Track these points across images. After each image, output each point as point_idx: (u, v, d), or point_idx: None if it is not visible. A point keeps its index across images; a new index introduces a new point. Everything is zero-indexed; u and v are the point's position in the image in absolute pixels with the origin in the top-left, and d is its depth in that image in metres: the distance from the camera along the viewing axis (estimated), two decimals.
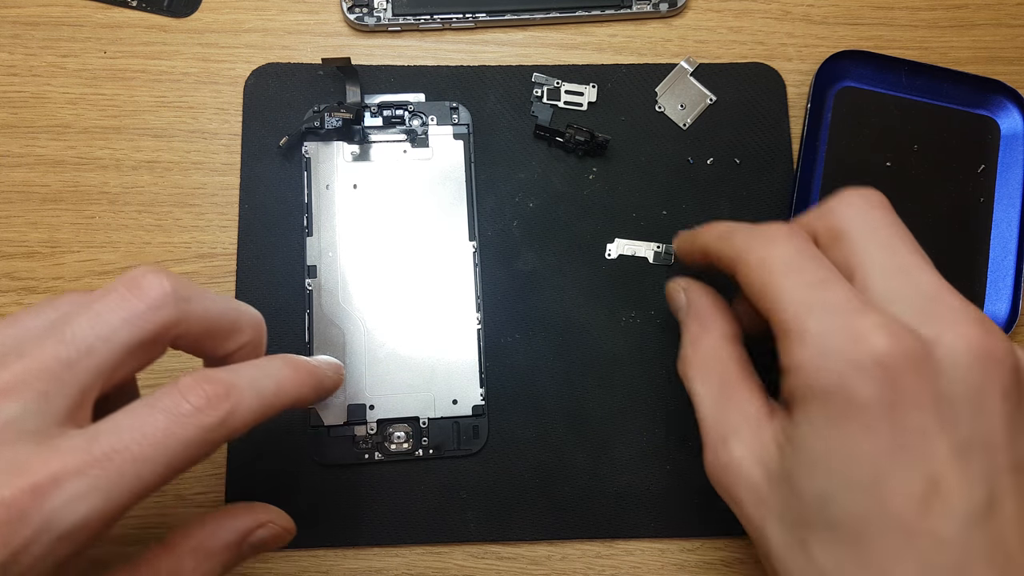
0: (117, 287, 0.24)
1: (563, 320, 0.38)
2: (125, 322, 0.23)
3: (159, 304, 0.24)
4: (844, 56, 0.41)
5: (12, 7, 0.40)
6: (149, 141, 0.39)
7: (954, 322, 0.24)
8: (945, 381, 0.24)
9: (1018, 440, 0.24)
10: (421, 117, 0.40)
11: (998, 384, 0.24)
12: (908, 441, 0.23)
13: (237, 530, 0.26)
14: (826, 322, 0.24)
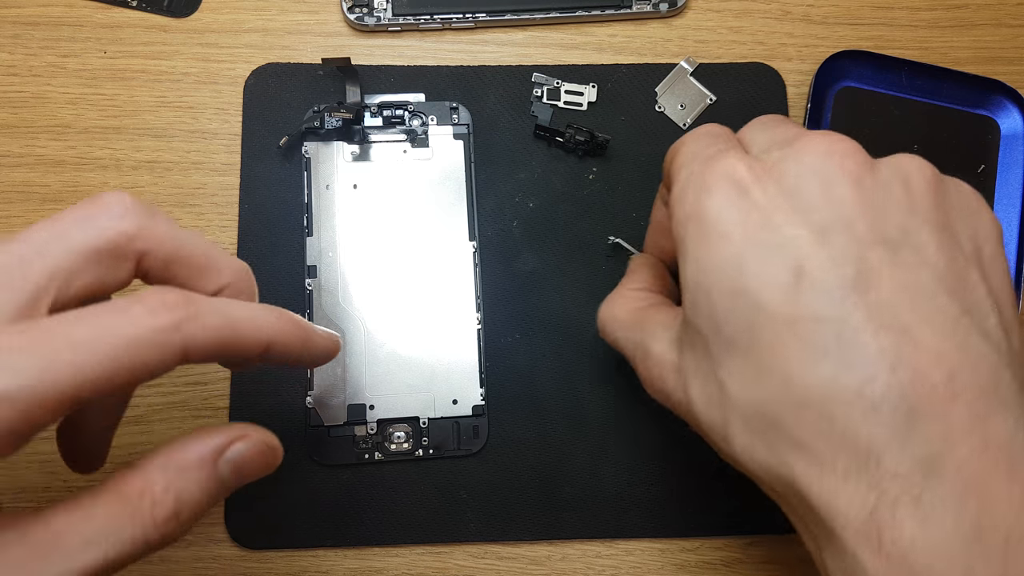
0: (78, 203, 0.24)
1: (563, 320, 0.38)
2: (80, 227, 0.23)
3: (119, 215, 0.23)
4: (844, 56, 0.41)
5: (12, 7, 0.40)
6: (149, 141, 0.39)
7: (803, 142, 0.25)
8: (791, 180, 0.24)
9: (880, 218, 0.24)
10: (421, 117, 0.40)
11: (846, 170, 0.24)
12: (765, 237, 0.24)
13: (210, 445, 0.24)
14: (692, 167, 0.27)
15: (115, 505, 0.22)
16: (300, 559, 0.36)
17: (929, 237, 0.24)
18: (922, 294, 0.23)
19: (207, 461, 0.24)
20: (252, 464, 0.25)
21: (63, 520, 0.21)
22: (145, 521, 0.22)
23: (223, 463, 0.24)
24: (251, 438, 0.24)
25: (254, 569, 0.35)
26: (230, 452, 0.24)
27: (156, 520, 0.22)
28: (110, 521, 0.22)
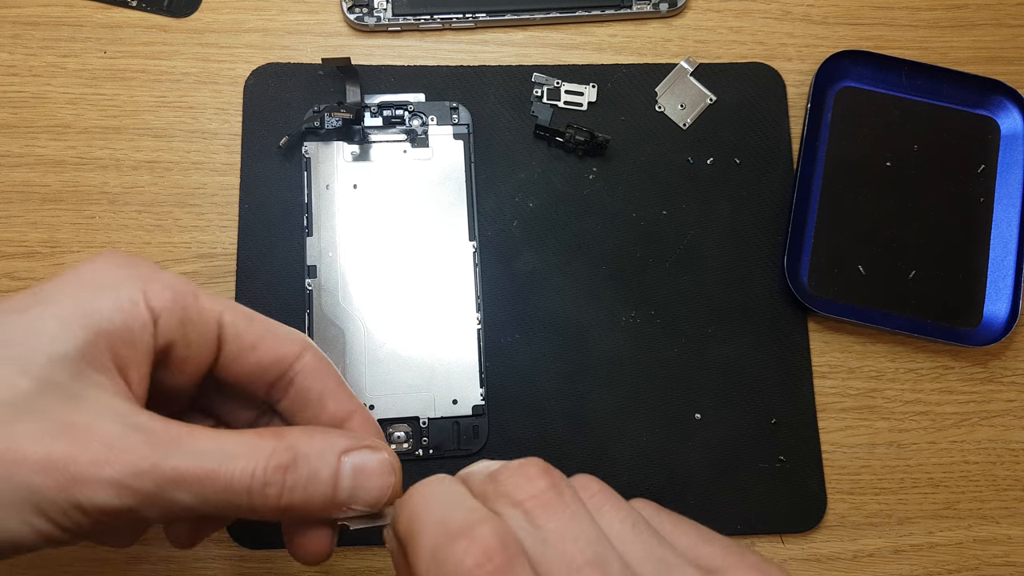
0: None
1: (563, 320, 0.38)
2: None
3: None
4: (844, 56, 0.41)
5: (12, 7, 0.40)
6: (149, 141, 0.39)
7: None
8: None
9: None
10: (421, 117, 0.40)
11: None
12: None
13: (345, 442, 0.24)
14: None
15: (250, 437, 0.23)
16: None
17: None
18: None
19: (337, 450, 0.24)
20: (371, 480, 0.24)
21: (201, 431, 0.23)
22: (262, 457, 0.22)
23: (348, 462, 0.24)
24: (381, 455, 0.24)
25: (254, 569, 0.35)
26: (359, 456, 0.24)
27: (269, 463, 0.22)
28: (237, 446, 0.22)
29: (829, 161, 0.40)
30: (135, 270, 0.24)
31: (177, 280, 0.25)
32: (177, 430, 0.22)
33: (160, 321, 0.24)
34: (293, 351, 0.26)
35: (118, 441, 0.21)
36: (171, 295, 0.24)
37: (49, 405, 0.21)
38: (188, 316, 0.24)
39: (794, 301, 0.39)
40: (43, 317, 0.22)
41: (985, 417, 0.39)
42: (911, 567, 0.37)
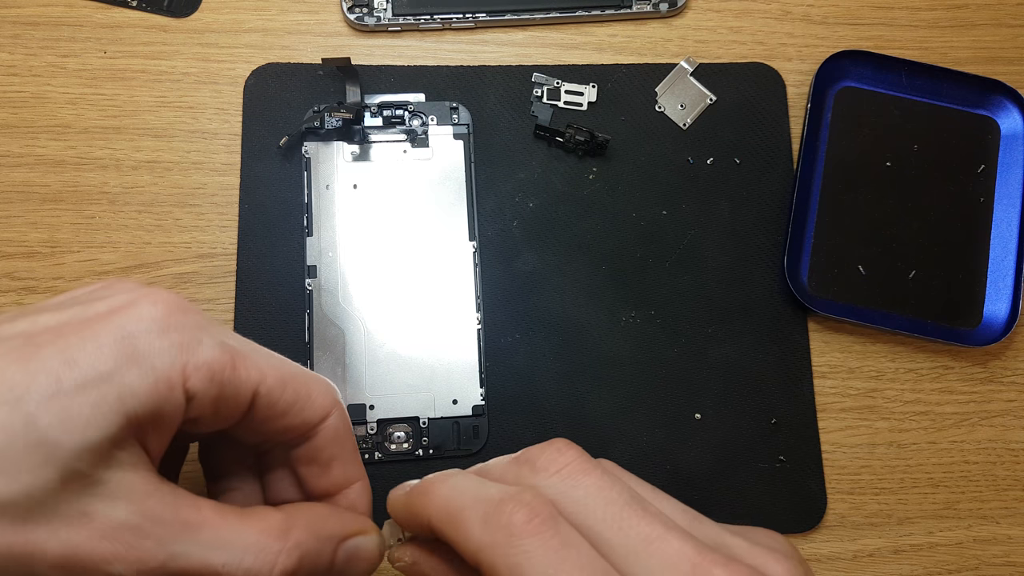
0: None
1: (563, 320, 0.38)
2: None
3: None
4: (844, 56, 0.41)
5: (12, 7, 0.40)
6: (149, 141, 0.39)
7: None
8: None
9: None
10: (421, 117, 0.40)
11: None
12: None
13: (344, 528, 0.26)
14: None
15: (256, 535, 0.24)
16: None
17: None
18: None
19: (337, 540, 0.26)
20: (360, 563, 0.26)
21: (210, 517, 0.23)
22: (268, 562, 0.24)
23: (343, 549, 0.26)
24: (372, 539, 0.27)
25: None
26: (353, 542, 0.26)
27: (275, 568, 0.24)
28: (244, 543, 0.23)
29: (829, 161, 0.41)
30: (178, 335, 0.23)
31: (218, 351, 0.24)
32: (187, 514, 0.23)
33: (194, 402, 0.23)
34: (321, 414, 0.27)
35: (130, 536, 0.22)
36: (209, 373, 0.23)
37: (70, 497, 0.21)
38: (224, 393, 0.24)
39: (794, 301, 0.39)
40: (78, 403, 0.21)
41: (985, 417, 0.39)
42: (911, 567, 0.37)
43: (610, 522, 0.22)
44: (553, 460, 0.23)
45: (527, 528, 0.21)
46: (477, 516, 0.22)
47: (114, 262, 0.38)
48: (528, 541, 0.21)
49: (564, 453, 0.23)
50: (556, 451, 0.24)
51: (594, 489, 0.23)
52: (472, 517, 0.22)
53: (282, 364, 0.26)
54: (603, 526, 0.22)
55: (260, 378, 0.25)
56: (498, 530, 0.21)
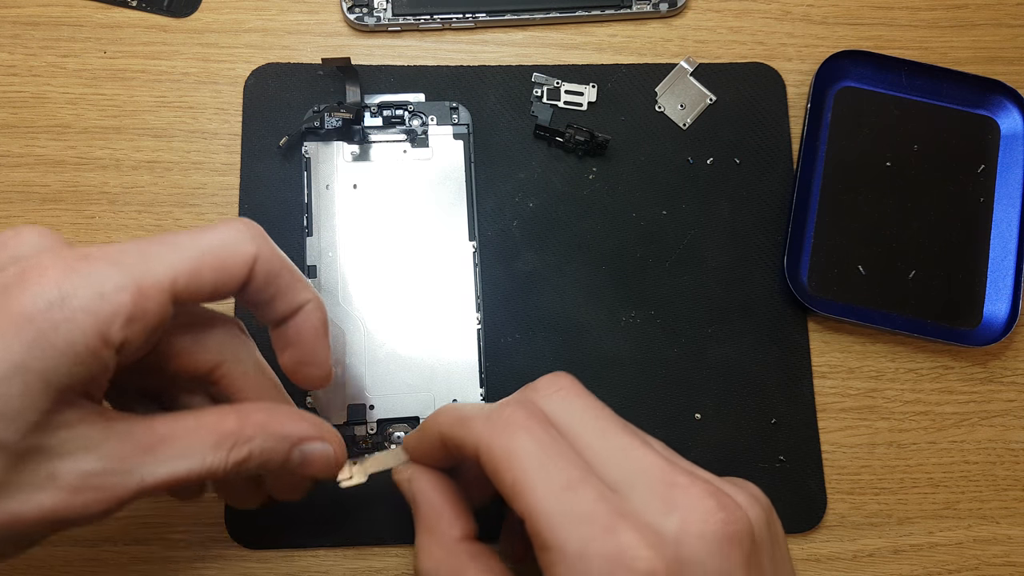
0: (217, 224, 0.27)
1: (563, 320, 0.38)
2: (217, 246, 0.26)
3: (248, 238, 0.27)
4: (844, 56, 0.41)
5: (12, 7, 0.40)
6: (149, 141, 0.39)
7: (692, 506, 0.24)
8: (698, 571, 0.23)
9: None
10: (421, 117, 0.40)
11: (742, 559, 0.24)
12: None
13: (301, 429, 0.28)
14: (584, 539, 0.23)
15: (209, 434, 0.26)
16: (300, 559, 0.36)
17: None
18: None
19: (291, 442, 0.28)
20: (314, 466, 0.29)
21: (166, 429, 0.26)
22: (222, 457, 0.26)
23: (297, 451, 0.28)
24: (330, 443, 0.29)
25: (254, 569, 0.35)
26: (309, 446, 0.28)
27: (228, 460, 0.26)
28: (200, 444, 0.26)
29: (829, 161, 0.41)
30: (79, 301, 0.23)
31: (126, 295, 0.24)
32: (144, 437, 0.25)
33: (125, 346, 0.24)
34: (249, 261, 0.27)
35: (97, 480, 0.24)
36: (127, 319, 0.24)
37: (32, 466, 0.23)
38: (149, 318, 0.24)
39: (794, 301, 0.39)
40: (4, 395, 0.22)
41: (985, 417, 0.39)
42: (911, 567, 0.37)
43: (596, 432, 0.26)
44: (551, 383, 0.27)
45: (522, 423, 0.25)
46: (482, 417, 0.26)
47: None
48: (521, 433, 0.25)
49: (561, 378, 0.27)
50: (555, 376, 0.27)
51: (585, 407, 0.27)
52: (477, 418, 0.26)
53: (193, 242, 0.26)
54: (590, 435, 0.26)
55: (172, 274, 0.25)
56: (497, 423, 0.25)
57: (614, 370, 0.38)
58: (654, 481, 0.25)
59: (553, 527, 0.24)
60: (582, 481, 0.24)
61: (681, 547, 0.23)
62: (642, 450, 0.26)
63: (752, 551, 0.24)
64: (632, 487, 0.25)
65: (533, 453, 0.25)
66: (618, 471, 0.25)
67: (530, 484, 0.24)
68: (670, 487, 0.24)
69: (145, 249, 0.25)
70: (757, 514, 0.25)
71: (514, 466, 0.25)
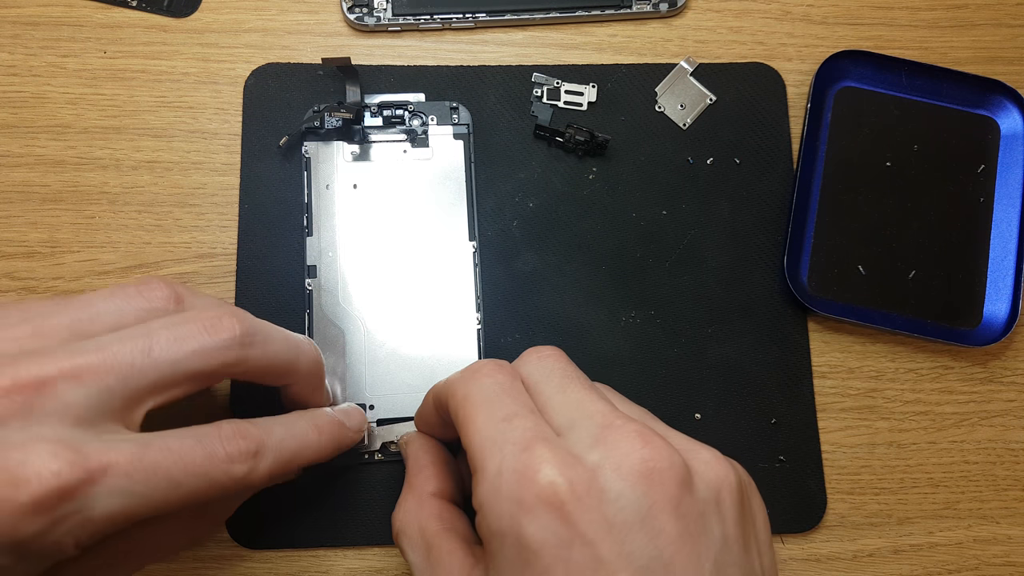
0: (199, 319, 0.27)
1: (563, 320, 0.38)
2: (196, 353, 0.26)
3: (227, 345, 0.27)
4: (844, 56, 0.41)
5: (12, 7, 0.40)
6: (149, 141, 0.39)
7: (618, 442, 0.24)
8: (614, 508, 0.23)
9: (696, 555, 0.23)
10: (421, 117, 0.40)
11: (665, 500, 0.23)
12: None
13: (349, 424, 0.32)
14: (501, 459, 0.24)
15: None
16: (300, 559, 0.36)
17: (735, 570, 0.24)
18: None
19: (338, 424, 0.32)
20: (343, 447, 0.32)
21: None
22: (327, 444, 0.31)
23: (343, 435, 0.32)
24: (355, 436, 0.33)
25: (254, 569, 0.35)
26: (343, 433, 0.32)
27: None
28: None
29: (829, 161, 0.41)
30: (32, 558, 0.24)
31: (103, 515, 0.24)
32: None
33: None
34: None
35: None
36: (95, 535, 0.24)
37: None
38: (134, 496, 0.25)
39: (794, 301, 0.39)
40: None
41: (985, 417, 0.39)
42: (911, 567, 0.37)
43: (557, 387, 0.27)
44: (536, 350, 0.29)
45: (488, 372, 0.27)
46: (460, 374, 0.28)
47: (114, 262, 0.38)
48: (484, 378, 0.27)
49: (546, 348, 0.29)
50: (542, 347, 0.29)
51: (555, 367, 0.28)
52: (457, 376, 0.28)
53: None
54: (551, 390, 0.27)
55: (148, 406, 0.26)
56: (467, 374, 0.28)
57: (614, 370, 0.38)
58: (594, 424, 0.25)
59: (483, 450, 0.25)
60: (521, 416, 0.26)
61: (596, 475, 0.24)
62: (593, 400, 0.26)
63: (682, 498, 0.24)
64: (572, 429, 0.26)
65: (487, 392, 0.27)
66: (565, 418, 0.26)
67: (475, 416, 0.26)
68: (605, 428, 0.25)
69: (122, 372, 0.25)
70: (712, 471, 0.25)
71: (467, 403, 0.27)
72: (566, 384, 0.28)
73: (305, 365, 0.30)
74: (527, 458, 0.24)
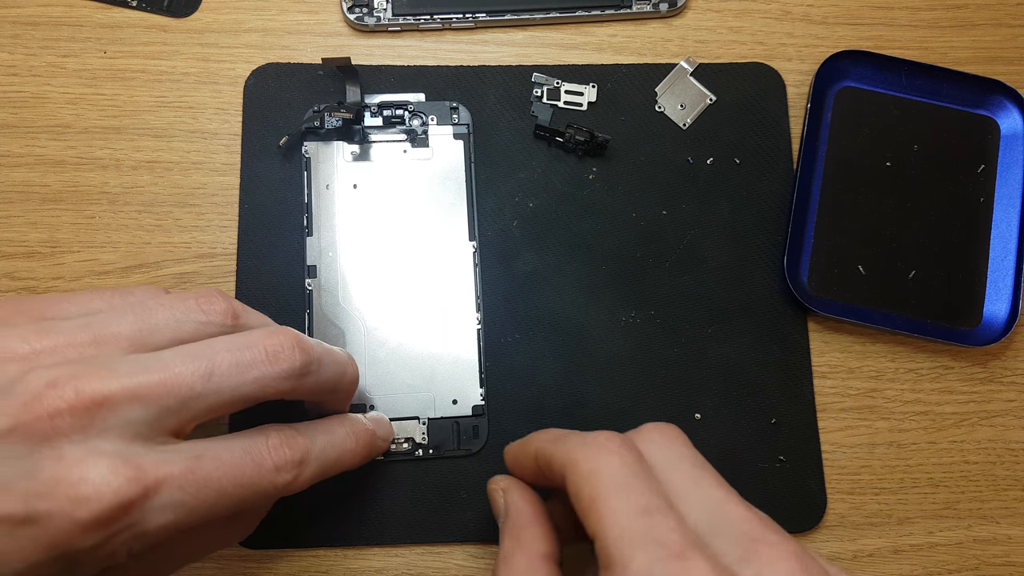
0: (260, 346, 0.27)
1: (563, 320, 0.38)
2: (255, 381, 0.26)
3: (286, 375, 0.27)
4: (844, 56, 0.41)
5: (12, 7, 0.40)
6: (149, 141, 0.39)
7: (773, 562, 0.23)
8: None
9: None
10: (421, 117, 0.40)
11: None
12: None
13: (379, 433, 0.33)
14: (649, 563, 0.23)
15: None
16: (300, 559, 0.36)
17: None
18: None
19: (370, 434, 0.32)
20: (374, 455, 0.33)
21: None
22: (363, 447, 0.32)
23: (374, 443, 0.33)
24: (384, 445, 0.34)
25: (254, 569, 0.35)
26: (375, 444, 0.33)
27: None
28: None
29: (829, 161, 0.40)
30: None
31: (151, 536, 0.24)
32: None
33: None
34: None
35: None
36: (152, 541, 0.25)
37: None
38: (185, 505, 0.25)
39: (794, 301, 0.39)
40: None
41: (985, 417, 0.39)
42: (911, 567, 0.37)
43: (690, 479, 0.26)
44: (656, 427, 0.28)
45: (614, 448, 0.26)
46: (577, 439, 0.27)
47: (114, 262, 0.38)
48: (610, 455, 0.25)
49: (667, 426, 0.28)
50: (661, 424, 0.28)
51: (684, 455, 0.27)
52: (573, 438, 0.27)
53: None
54: (683, 481, 0.26)
55: None
56: (591, 443, 0.26)
57: (614, 370, 0.38)
58: (740, 533, 0.24)
59: (622, 544, 0.23)
60: (661, 510, 0.24)
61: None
62: (735, 504, 0.25)
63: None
64: (715, 534, 0.24)
65: (617, 475, 0.25)
66: (704, 518, 0.25)
67: (608, 501, 0.24)
68: (755, 541, 0.24)
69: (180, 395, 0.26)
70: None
71: (595, 482, 0.25)
72: (699, 476, 0.26)
73: (346, 385, 0.31)
74: (681, 570, 0.22)
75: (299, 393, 0.28)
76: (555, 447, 0.27)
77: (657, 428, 0.28)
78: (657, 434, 0.27)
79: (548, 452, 0.27)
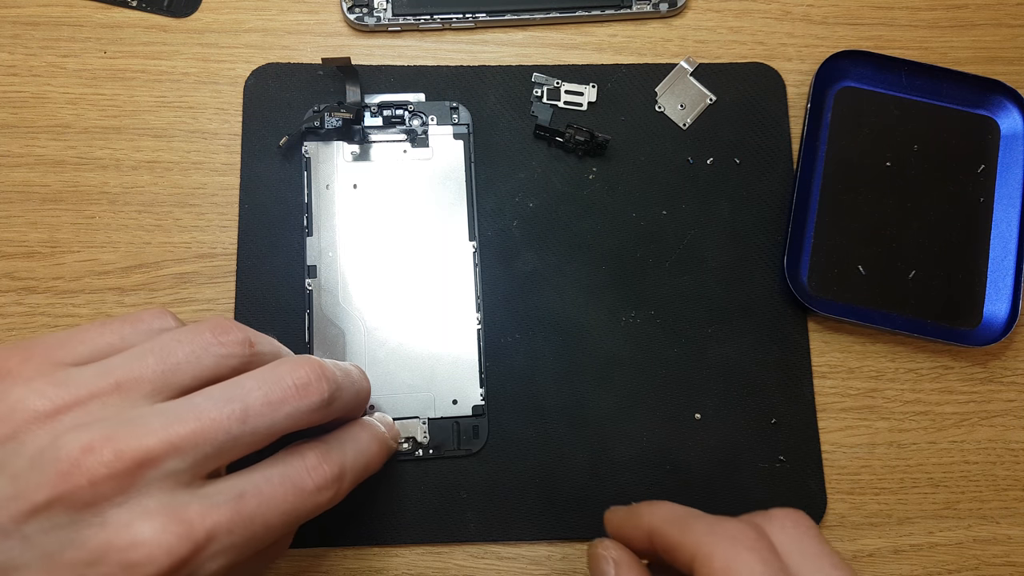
0: (288, 379, 0.27)
1: (563, 320, 0.38)
2: (288, 417, 0.26)
3: (316, 407, 0.27)
4: (844, 56, 0.41)
5: (12, 7, 0.40)
6: (149, 141, 0.39)
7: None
8: None
9: None
10: (421, 117, 0.40)
11: None
12: None
13: (390, 433, 0.33)
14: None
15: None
16: (300, 559, 0.36)
17: None
18: None
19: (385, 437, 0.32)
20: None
21: None
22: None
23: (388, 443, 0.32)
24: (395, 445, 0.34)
25: None
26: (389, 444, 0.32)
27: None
28: None
29: (829, 161, 0.41)
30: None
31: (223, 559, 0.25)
32: None
33: None
34: None
35: None
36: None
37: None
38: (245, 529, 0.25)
39: (794, 301, 0.39)
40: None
41: (985, 417, 0.39)
42: (911, 567, 0.37)
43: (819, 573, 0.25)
44: (787, 514, 0.27)
45: (749, 543, 0.25)
46: (704, 523, 0.26)
47: (114, 262, 0.38)
48: (748, 552, 0.24)
49: (798, 514, 0.27)
50: (792, 510, 0.27)
51: (819, 550, 0.26)
52: (699, 522, 0.26)
53: None
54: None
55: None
56: (723, 535, 0.25)
57: (614, 370, 0.38)
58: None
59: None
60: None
61: None
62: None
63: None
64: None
65: (754, 571, 0.24)
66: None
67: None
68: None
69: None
70: None
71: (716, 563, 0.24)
72: (831, 573, 0.26)
73: (363, 401, 0.31)
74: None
75: (326, 419, 0.28)
76: (682, 535, 0.26)
77: (789, 516, 0.27)
78: (789, 523, 0.27)
79: (673, 539, 0.26)
